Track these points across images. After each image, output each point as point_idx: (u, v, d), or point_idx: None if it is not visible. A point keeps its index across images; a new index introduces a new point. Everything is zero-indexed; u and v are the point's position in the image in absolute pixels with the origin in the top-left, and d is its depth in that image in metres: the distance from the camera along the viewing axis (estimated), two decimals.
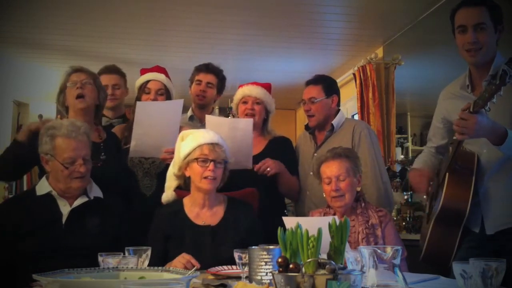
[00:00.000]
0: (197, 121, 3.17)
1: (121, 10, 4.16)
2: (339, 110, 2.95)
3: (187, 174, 2.32)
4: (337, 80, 5.14)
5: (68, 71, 2.60)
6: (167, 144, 2.58)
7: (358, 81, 5.20)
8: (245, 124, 2.66)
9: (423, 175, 2.34)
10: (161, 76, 2.87)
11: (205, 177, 2.25)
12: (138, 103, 2.64)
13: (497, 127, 1.95)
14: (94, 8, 4.12)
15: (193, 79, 3.20)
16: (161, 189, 2.63)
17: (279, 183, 2.80)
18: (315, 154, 2.85)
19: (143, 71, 2.94)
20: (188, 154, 2.30)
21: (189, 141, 2.32)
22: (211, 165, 2.25)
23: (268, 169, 2.68)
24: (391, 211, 2.92)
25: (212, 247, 2.21)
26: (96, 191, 2.25)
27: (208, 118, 2.69)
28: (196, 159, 2.27)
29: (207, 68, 3.17)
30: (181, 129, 2.79)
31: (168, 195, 2.45)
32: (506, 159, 2.07)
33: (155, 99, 2.81)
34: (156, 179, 2.73)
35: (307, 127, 3.01)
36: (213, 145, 2.29)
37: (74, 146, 2.14)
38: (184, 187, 2.40)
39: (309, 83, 2.95)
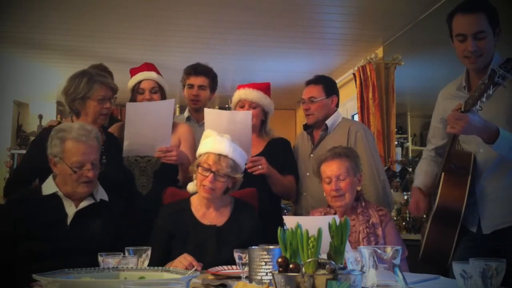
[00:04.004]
0: (194, 122, 3.17)
1: (121, 10, 4.15)
2: (336, 110, 2.96)
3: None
4: (337, 80, 5.17)
5: (91, 78, 2.49)
6: (160, 143, 2.58)
7: (358, 81, 5.20)
8: (244, 117, 2.65)
9: (420, 201, 2.35)
10: (152, 75, 2.85)
11: (203, 185, 2.25)
12: (128, 104, 2.61)
13: (489, 125, 1.95)
14: (94, 8, 4.12)
15: (184, 83, 3.17)
16: (157, 187, 2.63)
17: (270, 184, 2.79)
18: (312, 155, 2.86)
19: (133, 71, 2.92)
20: (199, 156, 2.32)
21: (204, 144, 2.33)
22: (210, 176, 2.23)
23: (260, 167, 2.66)
24: (390, 211, 2.92)
25: (215, 248, 2.20)
26: (102, 194, 2.23)
27: (207, 111, 2.67)
28: (200, 165, 2.27)
29: (196, 71, 3.13)
30: (176, 125, 2.79)
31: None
32: (503, 158, 2.06)
33: (150, 99, 2.80)
34: (153, 178, 2.72)
35: (305, 127, 3.01)
36: (219, 156, 2.25)
37: (84, 150, 2.11)
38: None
39: (309, 83, 2.96)
